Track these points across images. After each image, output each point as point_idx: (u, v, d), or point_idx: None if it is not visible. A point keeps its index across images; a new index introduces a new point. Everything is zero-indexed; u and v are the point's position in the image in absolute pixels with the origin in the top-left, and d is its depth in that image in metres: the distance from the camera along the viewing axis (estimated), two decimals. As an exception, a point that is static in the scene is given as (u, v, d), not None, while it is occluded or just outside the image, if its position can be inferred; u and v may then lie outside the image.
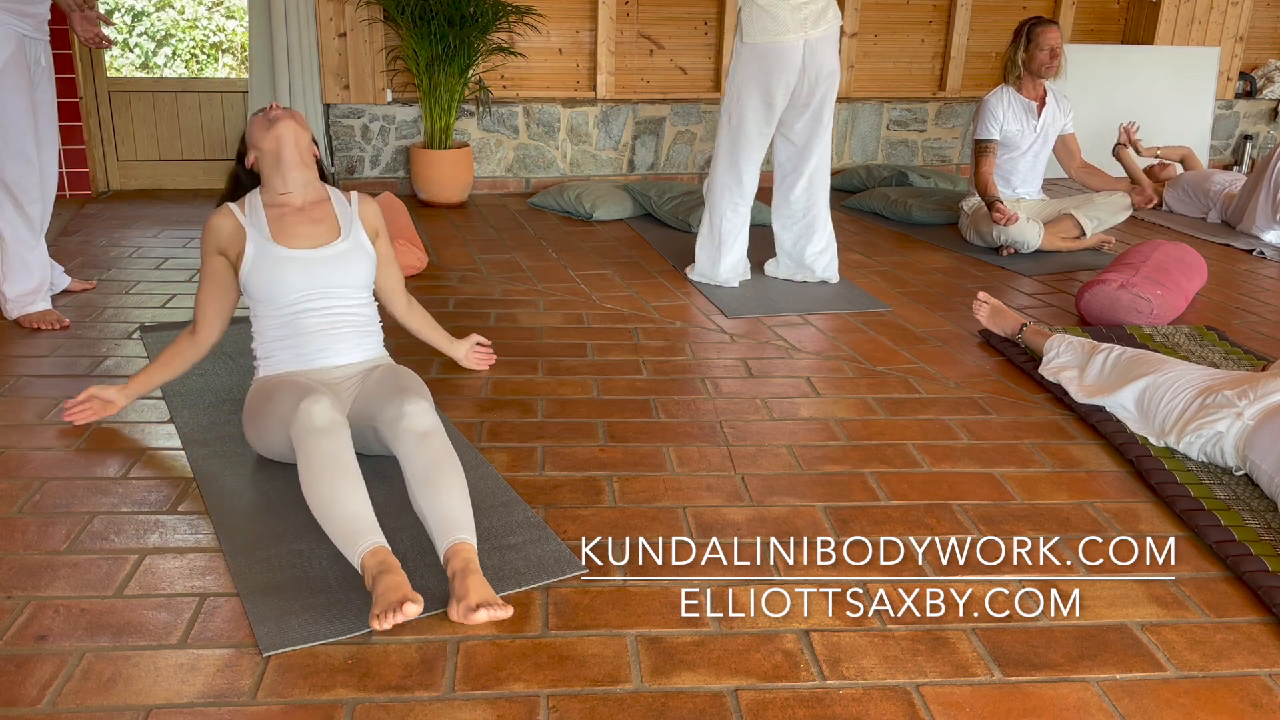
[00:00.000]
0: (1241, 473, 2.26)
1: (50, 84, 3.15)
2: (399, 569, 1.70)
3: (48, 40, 3.09)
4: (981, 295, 3.19)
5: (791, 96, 3.57)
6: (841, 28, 3.65)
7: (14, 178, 3.03)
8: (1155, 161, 5.43)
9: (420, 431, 1.91)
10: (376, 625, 1.61)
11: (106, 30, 3.16)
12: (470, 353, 2.86)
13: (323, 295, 2.25)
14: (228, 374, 2.76)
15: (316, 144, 2.37)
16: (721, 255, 3.74)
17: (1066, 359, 2.78)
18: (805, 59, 3.50)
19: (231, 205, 2.29)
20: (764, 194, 3.95)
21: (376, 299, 2.45)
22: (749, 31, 3.49)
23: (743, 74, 3.55)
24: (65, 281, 3.46)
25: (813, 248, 3.78)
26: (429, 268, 3.92)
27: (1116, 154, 5.14)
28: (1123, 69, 6.10)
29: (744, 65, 3.54)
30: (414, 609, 1.61)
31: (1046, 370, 2.79)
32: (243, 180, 2.39)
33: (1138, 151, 5.14)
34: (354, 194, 2.42)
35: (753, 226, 3.96)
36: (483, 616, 1.65)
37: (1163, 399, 2.44)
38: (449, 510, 1.80)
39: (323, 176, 2.41)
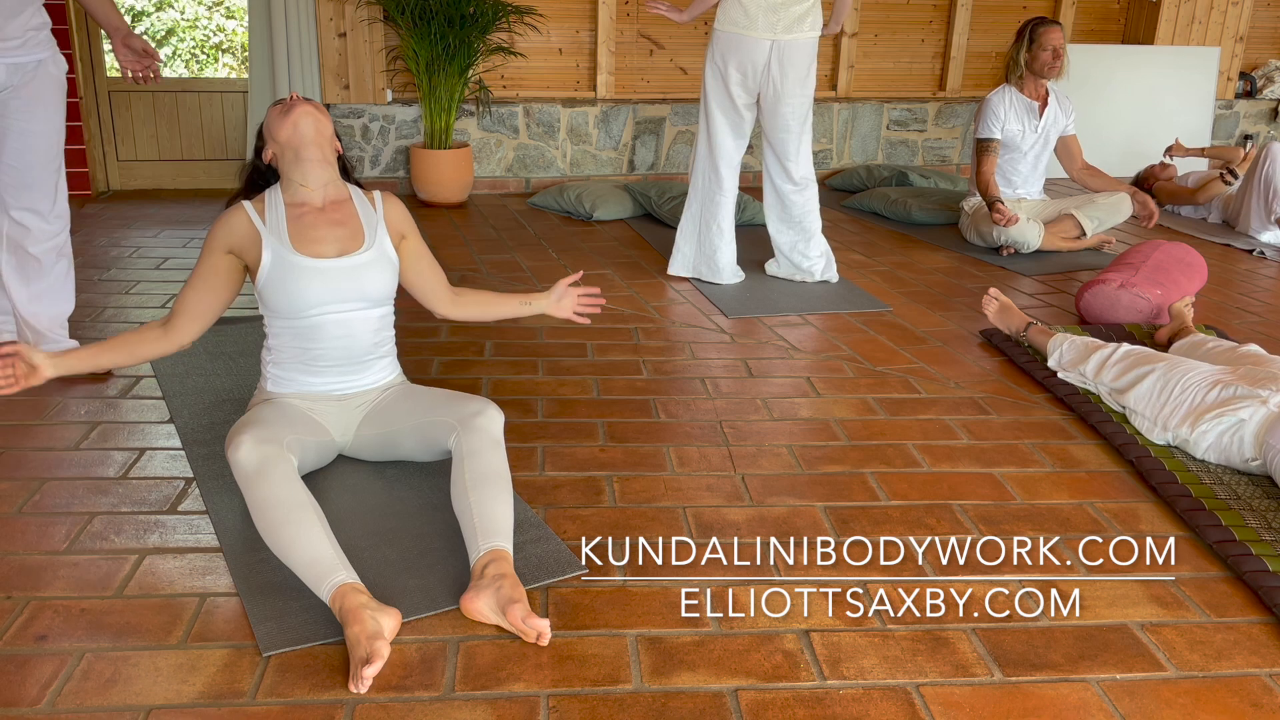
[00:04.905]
0: (1256, 462, 2.26)
1: (24, 110, 2.56)
2: (360, 610, 1.61)
3: (28, 61, 2.53)
4: (992, 291, 3.20)
5: (759, 98, 3.60)
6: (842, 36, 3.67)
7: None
8: (1159, 161, 5.42)
9: (495, 436, 1.95)
10: (352, 688, 1.53)
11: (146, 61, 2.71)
12: (562, 300, 2.30)
13: (340, 308, 2.08)
14: (228, 374, 2.76)
15: (340, 139, 2.18)
16: (699, 247, 3.75)
17: (1071, 357, 2.79)
18: (772, 61, 3.52)
19: (247, 204, 2.08)
20: (758, 192, 3.95)
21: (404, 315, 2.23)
22: (720, 20, 3.56)
23: (709, 60, 3.62)
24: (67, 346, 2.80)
25: (811, 251, 3.78)
26: (429, 268, 3.92)
27: (1173, 155, 5.19)
28: (1123, 69, 6.10)
29: (710, 51, 3.61)
30: (371, 670, 1.53)
31: (1057, 368, 2.80)
32: (260, 174, 2.17)
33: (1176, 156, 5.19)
34: (377, 194, 2.22)
35: (750, 226, 3.96)
36: (542, 625, 1.63)
37: (1175, 388, 2.45)
38: (500, 516, 1.82)
39: (345, 173, 2.23)
